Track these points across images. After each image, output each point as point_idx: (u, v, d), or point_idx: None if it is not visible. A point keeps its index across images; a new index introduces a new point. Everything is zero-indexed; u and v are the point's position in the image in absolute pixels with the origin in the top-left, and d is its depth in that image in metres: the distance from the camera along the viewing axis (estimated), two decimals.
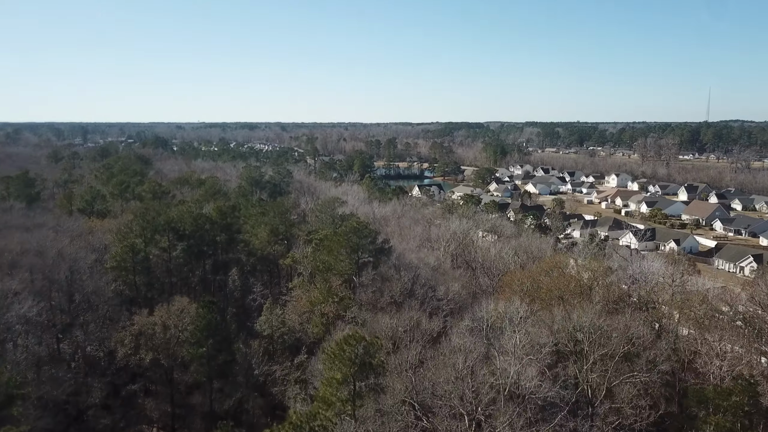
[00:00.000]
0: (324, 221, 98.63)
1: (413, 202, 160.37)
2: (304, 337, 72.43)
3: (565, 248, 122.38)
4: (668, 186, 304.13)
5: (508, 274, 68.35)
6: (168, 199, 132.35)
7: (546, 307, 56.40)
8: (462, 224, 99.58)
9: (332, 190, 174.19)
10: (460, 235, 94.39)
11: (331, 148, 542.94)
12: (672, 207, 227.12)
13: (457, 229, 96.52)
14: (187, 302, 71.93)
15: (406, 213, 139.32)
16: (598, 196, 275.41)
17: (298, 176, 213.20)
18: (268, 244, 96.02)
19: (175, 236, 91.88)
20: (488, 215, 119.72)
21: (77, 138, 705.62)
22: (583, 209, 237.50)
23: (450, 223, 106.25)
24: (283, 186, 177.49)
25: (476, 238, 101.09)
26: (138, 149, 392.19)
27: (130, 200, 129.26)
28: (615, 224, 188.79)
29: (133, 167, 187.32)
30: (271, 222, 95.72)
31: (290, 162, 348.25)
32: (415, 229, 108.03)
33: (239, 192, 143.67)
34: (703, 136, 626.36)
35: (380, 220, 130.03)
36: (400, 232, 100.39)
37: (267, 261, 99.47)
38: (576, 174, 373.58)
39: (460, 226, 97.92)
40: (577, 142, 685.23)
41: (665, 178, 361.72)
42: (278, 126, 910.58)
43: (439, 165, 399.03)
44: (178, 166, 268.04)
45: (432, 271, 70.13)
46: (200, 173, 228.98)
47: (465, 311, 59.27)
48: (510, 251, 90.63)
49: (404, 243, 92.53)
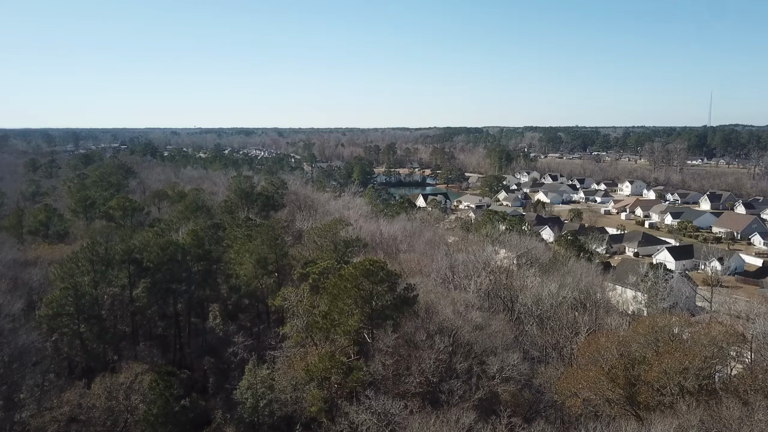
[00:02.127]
0: (324, 248, 79.97)
1: (423, 217, 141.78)
2: (299, 411, 53.91)
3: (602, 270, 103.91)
4: (688, 194, 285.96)
5: (586, 341, 49.67)
6: (141, 217, 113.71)
7: (662, 404, 37.77)
8: (495, 252, 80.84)
9: (331, 203, 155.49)
10: (496, 268, 75.89)
11: (328, 154, 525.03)
12: (701, 218, 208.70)
13: (490, 258, 77.91)
14: (141, 370, 53.23)
15: (417, 230, 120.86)
16: (616, 205, 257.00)
17: (294, 186, 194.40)
18: (255, 277, 77.38)
19: (137, 270, 73.05)
20: (518, 236, 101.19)
21: (69, 144, 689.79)
22: (602, 221, 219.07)
23: (477, 247, 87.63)
24: (276, 198, 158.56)
25: (512, 267, 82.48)
26: (125, 156, 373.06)
27: (96, 219, 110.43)
28: (645, 239, 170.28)
29: (111, 178, 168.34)
30: (258, 249, 77.03)
31: (286, 169, 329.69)
32: (433, 255, 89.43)
33: (225, 207, 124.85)
34: (711, 141, 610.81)
35: (388, 241, 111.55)
36: (416, 261, 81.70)
37: (254, 297, 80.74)
38: (586, 181, 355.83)
39: (493, 254, 79.21)
40: (580, 147, 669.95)
41: (680, 184, 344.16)
42: (275, 131, 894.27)
43: (443, 172, 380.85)
44: (165, 175, 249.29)
45: (473, 328, 51.60)
46: (186, 183, 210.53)
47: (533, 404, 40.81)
48: (554, 286, 72.13)
49: (423, 278, 73.92)
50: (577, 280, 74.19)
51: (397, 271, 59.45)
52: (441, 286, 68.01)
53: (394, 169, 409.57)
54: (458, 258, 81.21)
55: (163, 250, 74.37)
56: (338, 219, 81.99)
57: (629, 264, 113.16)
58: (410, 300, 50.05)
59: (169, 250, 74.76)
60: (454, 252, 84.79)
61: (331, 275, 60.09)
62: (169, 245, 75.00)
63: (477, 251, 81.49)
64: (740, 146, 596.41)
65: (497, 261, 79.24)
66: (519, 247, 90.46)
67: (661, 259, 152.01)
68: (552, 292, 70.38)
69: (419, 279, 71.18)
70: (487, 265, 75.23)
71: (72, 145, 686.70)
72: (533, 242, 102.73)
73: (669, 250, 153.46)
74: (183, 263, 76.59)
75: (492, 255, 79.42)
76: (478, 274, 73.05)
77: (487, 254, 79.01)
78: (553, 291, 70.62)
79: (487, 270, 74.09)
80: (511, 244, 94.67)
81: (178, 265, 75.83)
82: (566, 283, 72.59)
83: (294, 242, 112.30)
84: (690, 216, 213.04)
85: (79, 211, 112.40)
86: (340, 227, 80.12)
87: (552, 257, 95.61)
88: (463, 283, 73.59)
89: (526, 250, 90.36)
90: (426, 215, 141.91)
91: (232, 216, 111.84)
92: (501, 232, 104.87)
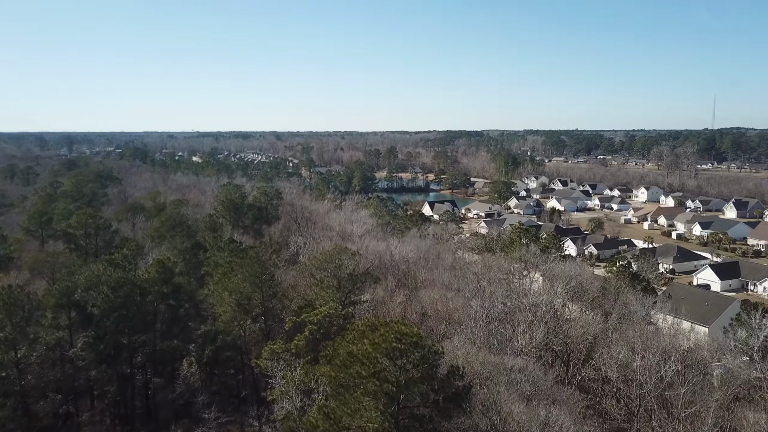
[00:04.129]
0: (325, 284, 62.46)
1: (437, 232, 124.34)
2: None
3: (658, 303, 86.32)
4: (710, 201, 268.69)
5: None
6: (108, 236, 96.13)
7: None
8: (544, 287, 63.14)
9: (332, 215, 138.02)
10: (546, 310, 58.44)
11: (327, 158, 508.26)
12: (733, 229, 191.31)
13: (539, 299, 60.37)
14: None
15: (433, 251, 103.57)
16: (636, 214, 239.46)
17: (290, 195, 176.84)
18: (235, 321, 59.94)
19: (81, 318, 55.56)
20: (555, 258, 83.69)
21: (63, 148, 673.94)
22: (626, 232, 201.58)
23: (513, 278, 70.16)
24: (270, 210, 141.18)
25: (562, 305, 65.08)
26: (114, 161, 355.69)
27: (53, 240, 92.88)
28: (680, 254, 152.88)
29: (87, 187, 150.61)
30: (240, 287, 59.53)
31: (283, 175, 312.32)
32: (458, 284, 72.04)
33: (209, 223, 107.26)
34: (719, 144, 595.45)
35: (400, 264, 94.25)
36: (442, 302, 63.85)
37: (234, 347, 63.12)
38: (598, 187, 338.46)
39: (543, 293, 61.56)
40: (584, 150, 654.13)
41: (696, 190, 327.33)
42: (273, 135, 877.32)
43: (447, 177, 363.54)
44: (152, 182, 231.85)
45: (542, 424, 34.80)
46: (174, 191, 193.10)
47: None
48: (638, 344, 54.61)
49: (451, 326, 56.58)
50: (675, 343, 55.84)
51: (429, 336, 41.79)
52: (482, 345, 50.67)
53: (396, 174, 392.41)
54: (495, 295, 63.72)
55: (115, 291, 56.83)
56: (342, 248, 64.36)
57: (683, 292, 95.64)
58: (460, 395, 32.55)
59: (123, 291, 57.19)
60: (487, 287, 67.41)
61: (337, 339, 42.72)
62: (123, 283, 57.41)
63: (515, 284, 64.09)
64: (750, 149, 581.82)
65: (545, 299, 61.87)
66: (565, 277, 73.01)
67: (705, 279, 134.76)
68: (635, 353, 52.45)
69: (447, 328, 53.86)
70: (535, 307, 58.04)
71: (65, 149, 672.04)
72: (574, 266, 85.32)
73: (713, 267, 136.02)
74: (143, 306, 59.07)
75: (541, 295, 61.95)
76: (527, 321, 55.76)
77: (535, 292, 61.55)
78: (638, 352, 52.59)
79: (538, 315, 56.81)
80: (552, 271, 77.30)
81: (136, 309, 58.30)
82: (660, 345, 54.03)
83: (288, 266, 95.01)
84: (721, 226, 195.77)
85: (33, 229, 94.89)
86: (345, 257, 62.54)
87: (602, 287, 78.23)
88: (507, 331, 56.27)
89: (575, 281, 72.91)
90: (440, 230, 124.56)
91: (215, 235, 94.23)
92: (534, 254, 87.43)
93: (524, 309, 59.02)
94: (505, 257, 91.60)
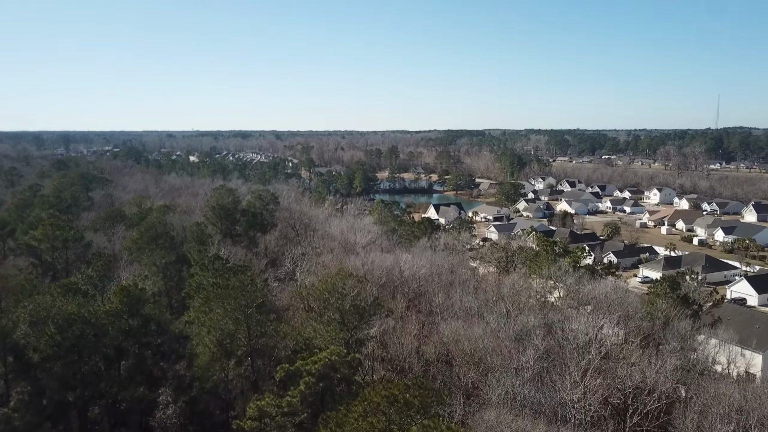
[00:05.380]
0: (326, 322, 51.03)
1: (449, 241, 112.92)
2: None
3: None
4: (727, 204, 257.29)
5: None
6: (79, 249, 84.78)
7: None
8: (591, 318, 51.36)
9: (333, 222, 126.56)
10: (599, 350, 46.95)
11: (327, 158, 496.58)
12: (760, 234, 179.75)
13: (590, 335, 48.48)
14: None
15: (446, 265, 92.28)
16: (652, 217, 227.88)
17: (288, 199, 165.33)
18: (215, 365, 48.62)
19: (18, 367, 44.29)
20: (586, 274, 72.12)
21: (60, 148, 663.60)
22: (644, 237, 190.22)
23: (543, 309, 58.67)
24: (265, 216, 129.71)
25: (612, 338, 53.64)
26: (107, 161, 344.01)
27: (14, 255, 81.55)
28: (709, 264, 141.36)
29: (68, 190, 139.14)
30: (221, 324, 48.19)
31: (281, 176, 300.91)
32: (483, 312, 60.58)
33: (196, 233, 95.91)
34: (727, 144, 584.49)
35: (410, 282, 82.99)
36: (465, 337, 52.01)
37: (215, 397, 51.74)
38: (608, 188, 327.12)
39: (590, 325, 49.67)
40: (588, 150, 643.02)
41: (709, 192, 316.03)
42: (273, 134, 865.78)
43: (451, 178, 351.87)
44: (144, 184, 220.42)
45: None
46: (164, 195, 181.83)
47: None
48: None
49: (484, 374, 45.20)
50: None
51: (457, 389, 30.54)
52: (524, 403, 39.37)
53: (398, 175, 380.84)
54: (530, 328, 52.36)
55: (63, 331, 45.46)
56: (345, 273, 52.91)
57: (735, 314, 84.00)
58: None
59: (74, 330, 45.81)
60: (519, 316, 55.98)
61: (343, 410, 31.69)
62: (73, 322, 46.01)
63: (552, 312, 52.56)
64: (758, 149, 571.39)
65: (593, 333, 50.38)
66: (608, 302, 61.34)
67: (740, 292, 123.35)
68: None
69: (477, 375, 42.43)
70: (587, 350, 46.62)
71: (62, 148, 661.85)
72: (611, 286, 73.87)
73: (749, 280, 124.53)
74: (99, 348, 47.73)
75: (589, 328, 50.31)
76: (577, 366, 44.45)
77: (579, 324, 49.96)
78: None
79: (588, 356, 45.45)
80: (590, 293, 65.87)
81: (90, 352, 46.97)
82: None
83: (284, 284, 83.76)
84: (745, 231, 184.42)
85: None
86: (350, 284, 51.10)
87: (647, 313, 66.85)
88: (552, 378, 44.97)
89: (622, 307, 61.45)
90: (452, 239, 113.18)
91: (201, 248, 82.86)
92: (566, 271, 75.99)
93: (570, 348, 47.76)
94: (531, 273, 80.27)
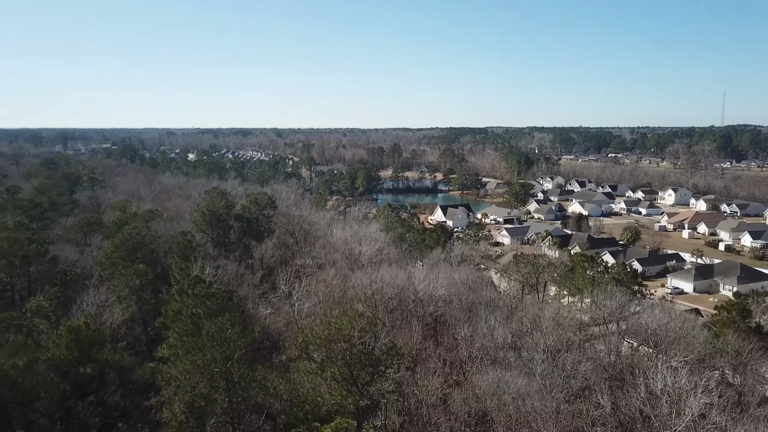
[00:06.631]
0: (330, 379, 39.57)
1: (466, 252, 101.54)
2: None
3: None
4: (748, 205, 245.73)
5: None
6: (44, 265, 73.49)
7: None
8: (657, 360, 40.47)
9: (335, 229, 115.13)
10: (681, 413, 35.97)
11: (329, 156, 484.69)
12: None
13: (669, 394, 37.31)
14: None
15: (467, 279, 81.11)
16: (671, 220, 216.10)
17: (287, 202, 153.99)
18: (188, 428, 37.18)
19: None
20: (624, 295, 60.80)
21: (57, 145, 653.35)
22: (666, 242, 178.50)
23: None
24: (261, 222, 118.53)
25: None
26: (101, 160, 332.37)
27: None
28: (745, 274, 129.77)
29: (42, 196, 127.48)
30: (193, 381, 36.81)
31: (281, 176, 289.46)
32: (522, 355, 49.26)
33: (182, 244, 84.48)
34: (736, 142, 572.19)
35: (427, 304, 71.70)
36: (510, 399, 40.55)
37: None
38: (619, 188, 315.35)
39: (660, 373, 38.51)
40: (594, 148, 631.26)
41: (724, 192, 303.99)
42: (273, 132, 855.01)
43: (456, 177, 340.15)
44: (136, 184, 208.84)
45: None
46: (156, 197, 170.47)
47: None
48: None
49: None
50: None
51: None
52: None
53: (402, 174, 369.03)
54: (586, 382, 40.96)
55: None
56: (354, 313, 41.43)
57: None
58: None
59: (17, 380, 34.47)
60: (567, 357, 44.79)
61: None
62: (7, 373, 34.69)
63: None
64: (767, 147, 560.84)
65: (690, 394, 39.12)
66: (668, 337, 50.26)
67: None
68: None
69: None
70: (676, 419, 35.57)
71: (60, 146, 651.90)
72: (667, 311, 62.61)
73: None
74: (31, 413, 36.35)
75: (667, 385, 39.20)
76: None
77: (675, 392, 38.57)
78: None
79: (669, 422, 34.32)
80: (646, 324, 54.64)
81: (21, 415, 35.64)
82: None
83: (278, 310, 72.58)
84: None
85: None
86: (359, 327, 39.63)
87: (713, 346, 55.63)
88: None
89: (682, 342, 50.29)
90: (468, 249, 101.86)
91: (183, 265, 71.50)
92: (612, 294, 64.67)
93: (641, 412, 36.42)
94: (568, 294, 68.78)
